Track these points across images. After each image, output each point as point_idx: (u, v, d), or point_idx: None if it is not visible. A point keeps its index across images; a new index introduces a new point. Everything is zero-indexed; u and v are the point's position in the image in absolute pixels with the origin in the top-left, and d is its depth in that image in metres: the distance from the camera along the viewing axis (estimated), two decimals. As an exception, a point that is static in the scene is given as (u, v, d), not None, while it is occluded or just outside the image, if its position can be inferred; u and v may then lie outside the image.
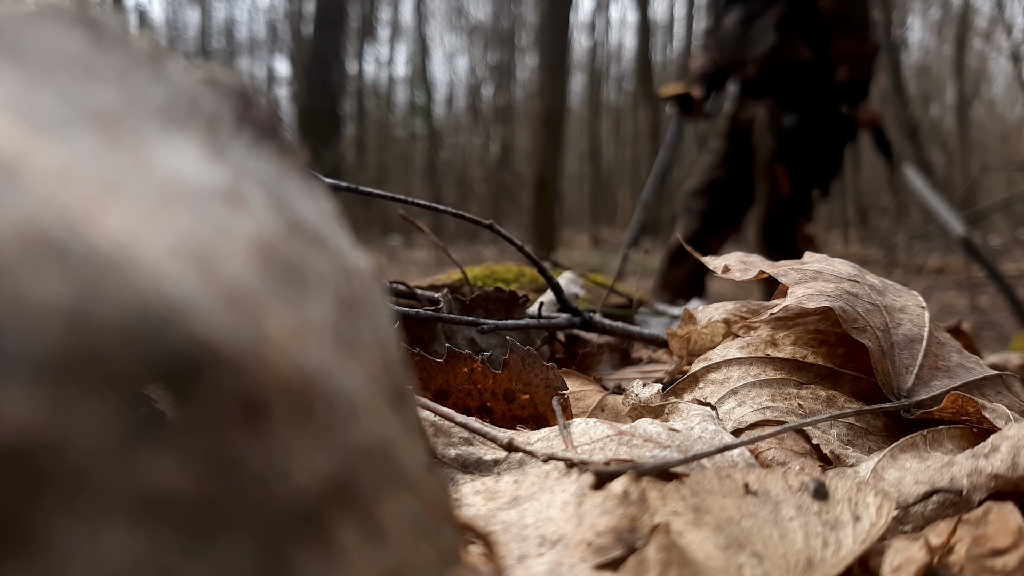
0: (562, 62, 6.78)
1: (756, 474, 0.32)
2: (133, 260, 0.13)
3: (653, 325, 0.95)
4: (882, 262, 4.57)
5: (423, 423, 0.41)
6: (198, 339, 0.13)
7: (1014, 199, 4.72)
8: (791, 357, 0.49)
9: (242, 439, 0.14)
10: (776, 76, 2.45)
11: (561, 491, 0.31)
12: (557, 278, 0.75)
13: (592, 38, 13.30)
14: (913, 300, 0.53)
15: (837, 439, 0.43)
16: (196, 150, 0.17)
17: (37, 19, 0.17)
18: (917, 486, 0.36)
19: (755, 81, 2.51)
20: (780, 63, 2.42)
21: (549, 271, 0.66)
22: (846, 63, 2.31)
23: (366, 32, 12.78)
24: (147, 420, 0.13)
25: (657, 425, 0.40)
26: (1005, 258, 5.05)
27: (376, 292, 0.20)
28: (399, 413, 0.19)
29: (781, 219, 2.51)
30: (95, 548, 0.12)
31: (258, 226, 0.16)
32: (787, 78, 2.44)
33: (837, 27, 2.30)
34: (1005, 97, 12.68)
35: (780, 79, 2.45)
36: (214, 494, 0.13)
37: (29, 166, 0.14)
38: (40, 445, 0.11)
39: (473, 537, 0.28)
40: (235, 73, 0.20)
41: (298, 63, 11.39)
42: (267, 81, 13.87)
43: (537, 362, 0.49)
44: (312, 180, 0.20)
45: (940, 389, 0.46)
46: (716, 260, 0.58)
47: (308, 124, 8.09)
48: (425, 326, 0.62)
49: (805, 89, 2.42)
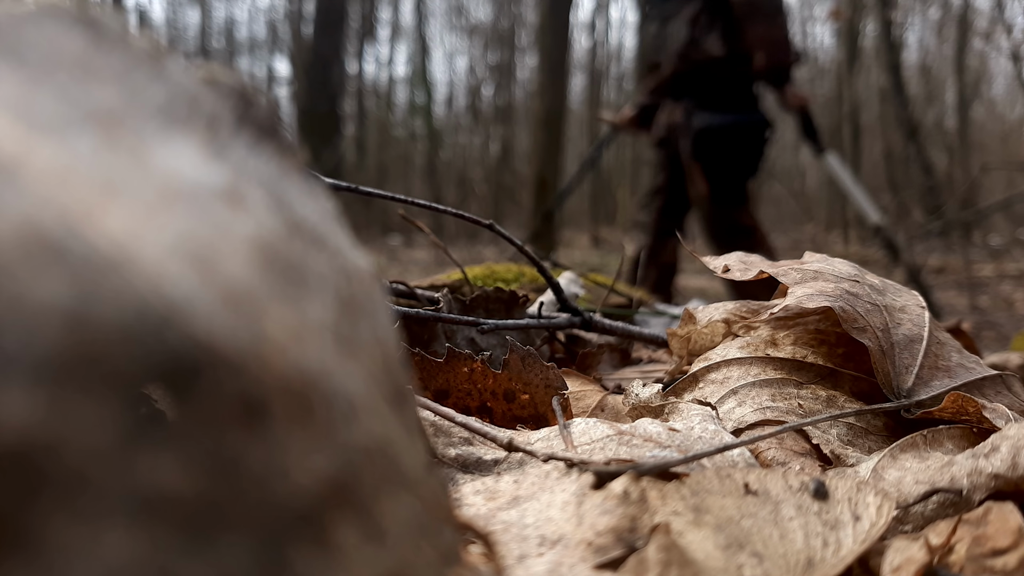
0: (562, 62, 6.77)
1: (756, 474, 0.32)
2: (133, 260, 0.13)
3: (653, 325, 0.95)
4: (882, 262, 4.57)
5: (423, 423, 0.41)
6: (198, 339, 0.13)
7: (1014, 199, 4.72)
8: (791, 357, 0.49)
9: (242, 439, 0.14)
10: (690, 75, 2.48)
11: (561, 491, 0.31)
12: (557, 278, 0.75)
13: (592, 38, 13.30)
14: (913, 300, 0.53)
15: (837, 439, 0.43)
16: (196, 150, 0.17)
17: (37, 19, 0.17)
18: (917, 486, 0.36)
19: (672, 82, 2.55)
20: (693, 61, 2.46)
21: (549, 271, 0.66)
22: (762, 49, 2.34)
23: (366, 32, 12.78)
24: (147, 420, 0.13)
25: (657, 425, 0.40)
26: (1005, 258, 5.04)
27: (376, 292, 0.20)
28: (399, 413, 0.19)
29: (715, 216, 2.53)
30: (95, 548, 0.12)
31: (258, 226, 0.16)
32: (701, 77, 2.46)
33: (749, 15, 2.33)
34: (1005, 97, 12.69)
35: (694, 78, 2.48)
36: (214, 494, 0.13)
37: (29, 166, 0.14)
38: (39, 445, 0.11)
39: (473, 537, 0.28)
40: (235, 73, 0.20)
41: (298, 63, 11.39)
42: (267, 81, 13.87)
43: (537, 362, 0.49)
44: (312, 180, 0.20)
45: (940, 389, 0.46)
46: (716, 260, 0.58)
47: (308, 124, 8.08)
48: (425, 326, 0.62)
49: (720, 87, 2.44)
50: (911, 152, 8.51)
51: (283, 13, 13.68)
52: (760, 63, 2.35)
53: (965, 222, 4.81)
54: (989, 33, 9.43)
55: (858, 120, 9.30)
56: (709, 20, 2.41)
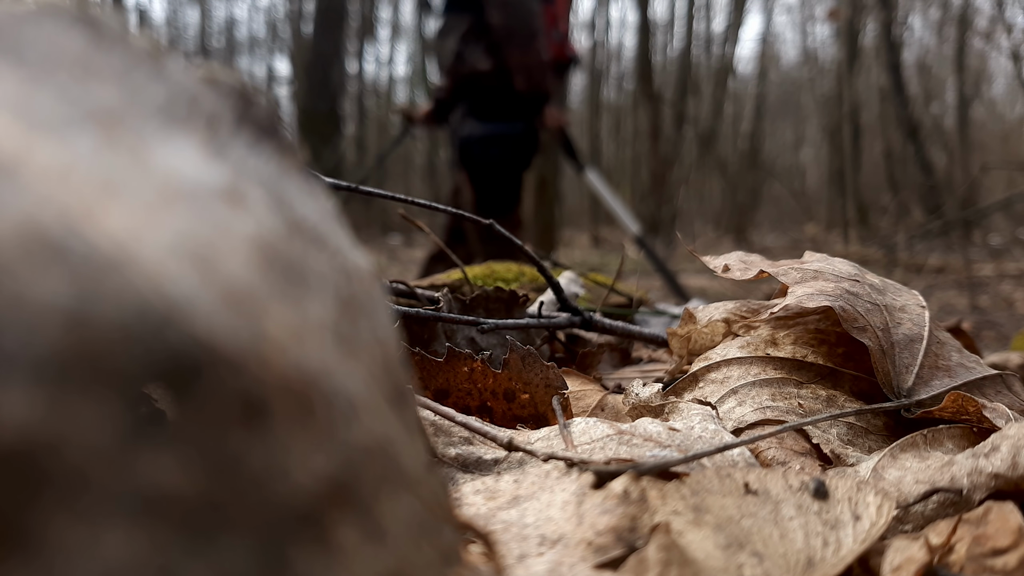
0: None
1: (756, 473, 0.32)
2: (133, 259, 0.13)
3: (653, 324, 0.95)
4: (882, 261, 4.57)
5: (423, 422, 0.41)
6: (198, 339, 0.13)
7: (1014, 199, 4.72)
8: (791, 356, 0.49)
9: (242, 439, 0.14)
10: (462, 87, 2.62)
11: (561, 490, 0.31)
12: (557, 277, 0.75)
13: (592, 38, 13.29)
14: (913, 299, 0.53)
15: (837, 438, 0.43)
16: (196, 149, 0.17)
17: (37, 18, 0.17)
18: (917, 485, 0.36)
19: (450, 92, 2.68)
20: (463, 74, 2.59)
21: (549, 270, 0.66)
22: (519, 74, 2.49)
23: (366, 32, 12.77)
24: (147, 420, 0.13)
25: (657, 424, 0.40)
26: (1005, 258, 5.04)
27: (376, 291, 0.20)
28: (399, 412, 0.19)
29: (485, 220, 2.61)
30: (95, 548, 0.12)
31: (258, 225, 0.16)
32: (470, 88, 2.60)
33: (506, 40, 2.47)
34: (1005, 97, 12.68)
35: (465, 89, 2.61)
36: (214, 494, 0.13)
37: (29, 165, 0.14)
38: (40, 445, 0.11)
39: (473, 536, 0.28)
40: (235, 72, 0.20)
41: (298, 63, 11.39)
42: (267, 81, 13.86)
43: (537, 361, 0.49)
44: (312, 179, 0.20)
45: (940, 388, 0.46)
46: (716, 260, 0.58)
47: (308, 124, 8.08)
48: (425, 326, 0.62)
49: (487, 98, 2.58)
50: (911, 152, 8.50)
51: (283, 12, 13.69)
52: (520, 85, 2.51)
53: (965, 222, 4.81)
54: (989, 33, 9.43)
55: (858, 120, 9.29)
56: (476, 37, 2.55)
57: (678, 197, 9.56)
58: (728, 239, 9.75)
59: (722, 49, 11.16)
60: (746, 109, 12.60)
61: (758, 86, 12.84)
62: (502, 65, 2.49)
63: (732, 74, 11.69)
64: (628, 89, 12.71)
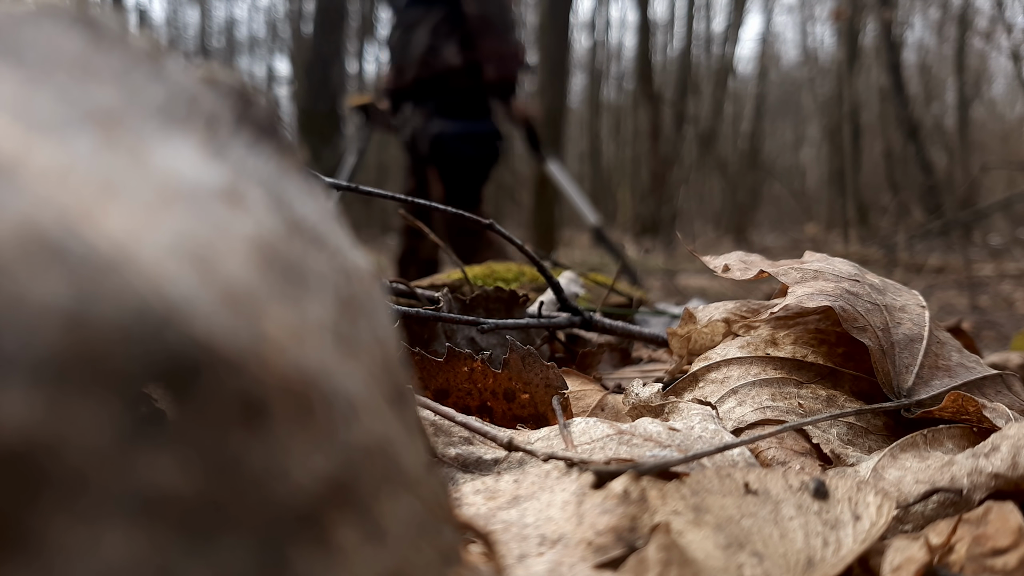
0: (562, 62, 6.77)
1: (756, 473, 0.32)
2: (132, 260, 0.13)
3: (653, 324, 0.95)
4: (882, 261, 4.57)
5: (423, 422, 0.41)
6: (197, 339, 0.13)
7: (1014, 199, 4.72)
8: (791, 356, 0.49)
9: (242, 439, 0.14)
10: (430, 82, 2.61)
11: (561, 490, 0.31)
12: (557, 277, 0.75)
13: (592, 37, 13.28)
14: (913, 299, 0.53)
15: (837, 438, 0.43)
16: (195, 150, 0.17)
17: (36, 19, 0.17)
18: (917, 485, 0.36)
19: (414, 88, 2.67)
20: (432, 69, 2.58)
21: (549, 270, 0.66)
22: (492, 63, 2.50)
23: (366, 32, 12.77)
24: (147, 420, 0.13)
25: (657, 424, 0.40)
26: (1005, 257, 5.04)
27: (376, 292, 0.20)
28: (399, 413, 0.19)
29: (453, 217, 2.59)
30: (95, 548, 0.12)
31: (257, 226, 0.16)
32: (439, 84, 2.59)
33: (481, 30, 2.48)
34: (1005, 97, 12.68)
35: (434, 85, 2.61)
36: (214, 494, 0.13)
37: (28, 166, 0.14)
38: (39, 446, 0.11)
39: (473, 536, 0.28)
40: (234, 72, 0.20)
41: (298, 63, 11.38)
42: (267, 81, 13.86)
43: (537, 361, 0.49)
44: (312, 180, 0.20)
45: (940, 388, 0.46)
46: (716, 260, 0.58)
47: (308, 124, 8.08)
48: (425, 326, 0.62)
49: (456, 95, 2.58)
50: (911, 152, 8.50)
51: (283, 12, 13.68)
52: (489, 75, 2.52)
53: (965, 222, 4.82)
54: (989, 33, 9.43)
55: (858, 120, 9.29)
56: (448, 30, 2.55)
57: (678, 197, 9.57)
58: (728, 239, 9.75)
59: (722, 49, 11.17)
60: (746, 109, 12.60)
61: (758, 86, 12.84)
62: (473, 61, 2.50)
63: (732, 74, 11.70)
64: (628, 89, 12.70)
